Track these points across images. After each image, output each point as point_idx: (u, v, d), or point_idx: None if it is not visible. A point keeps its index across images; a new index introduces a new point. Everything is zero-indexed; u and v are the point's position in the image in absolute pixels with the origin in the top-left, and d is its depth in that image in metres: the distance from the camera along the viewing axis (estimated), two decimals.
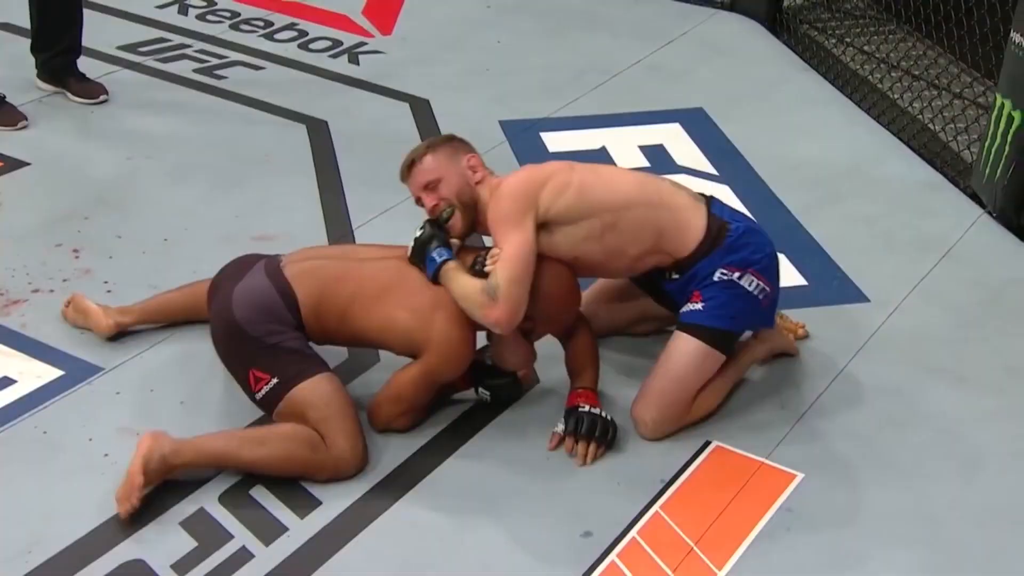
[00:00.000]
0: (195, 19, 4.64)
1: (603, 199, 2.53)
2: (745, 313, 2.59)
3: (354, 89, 4.18)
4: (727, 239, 2.55)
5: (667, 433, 2.59)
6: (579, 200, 2.51)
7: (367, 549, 2.32)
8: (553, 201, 2.49)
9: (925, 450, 2.64)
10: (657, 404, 2.57)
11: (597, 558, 2.31)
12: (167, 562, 2.26)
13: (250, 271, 2.57)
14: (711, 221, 2.57)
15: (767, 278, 2.59)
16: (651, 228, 2.54)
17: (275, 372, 2.45)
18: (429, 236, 2.51)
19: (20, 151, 3.62)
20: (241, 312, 2.49)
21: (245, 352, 2.49)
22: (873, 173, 3.82)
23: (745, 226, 2.61)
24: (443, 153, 2.60)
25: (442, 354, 2.49)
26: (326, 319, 2.53)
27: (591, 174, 2.58)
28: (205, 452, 2.41)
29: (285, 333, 2.48)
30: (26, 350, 2.78)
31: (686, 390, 2.57)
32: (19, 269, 3.08)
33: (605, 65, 4.44)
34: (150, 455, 2.34)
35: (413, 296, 2.50)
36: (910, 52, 4.41)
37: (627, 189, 2.57)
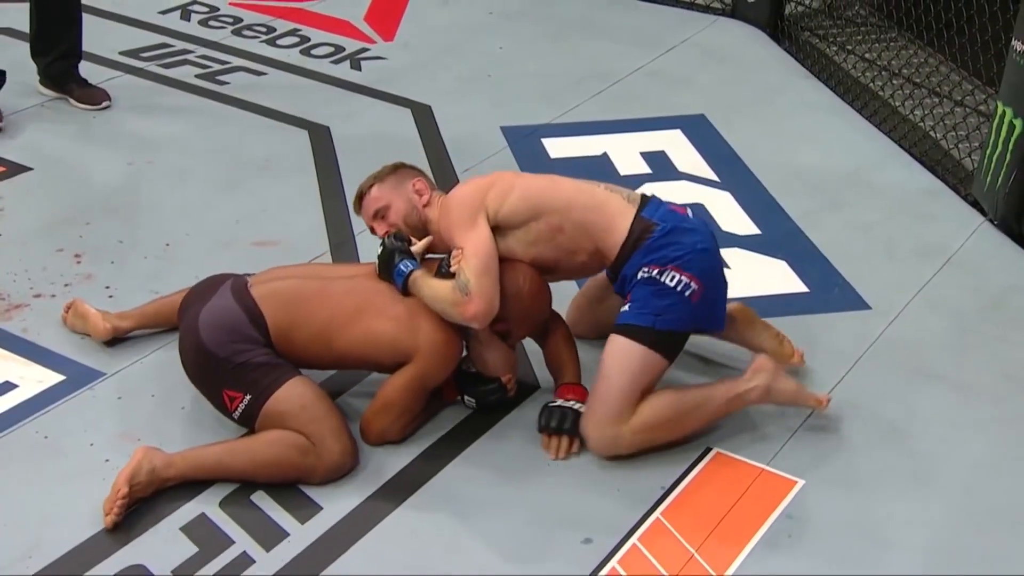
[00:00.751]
0: (197, 25, 4.65)
1: (546, 201, 2.57)
2: (672, 309, 2.50)
3: (356, 95, 4.19)
4: (648, 240, 2.52)
5: (612, 443, 2.51)
6: (524, 202, 2.55)
7: (367, 555, 2.32)
8: (500, 204, 2.54)
9: (926, 456, 2.64)
10: (592, 407, 2.53)
11: (597, 565, 2.31)
12: (168, 567, 2.26)
13: (216, 292, 2.55)
14: (635, 224, 2.54)
15: (692, 273, 2.50)
16: (590, 230, 2.57)
17: (247, 389, 2.44)
18: (392, 250, 2.56)
19: (22, 156, 3.63)
20: (207, 334, 2.47)
21: (215, 374, 2.47)
22: (874, 180, 3.83)
23: (672, 226, 2.55)
24: (389, 183, 2.69)
25: (432, 356, 2.51)
26: (301, 342, 2.50)
27: (533, 178, 2.66)
28: (196, 465, 2.42)
29: (252, 350, 2.46)
30: (27, 355, 2.78)
31: (619, 388, 2.49)
32: (21, 274, 3.09)
33: (606, 71, 4.45)
34: (139, 468, 2.35)
35: (390, 308, 2.53)
36: (911, 60, 4.42)
37: (567, 191, 2.60)
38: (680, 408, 2.55)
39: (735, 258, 3.35)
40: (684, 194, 3.66)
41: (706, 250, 2.57)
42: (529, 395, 2.75)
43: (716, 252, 2.62)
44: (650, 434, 2.53)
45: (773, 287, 3.24)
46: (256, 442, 2.44)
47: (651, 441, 2.54)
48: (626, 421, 2.50)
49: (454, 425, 2.66)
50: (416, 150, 3.82)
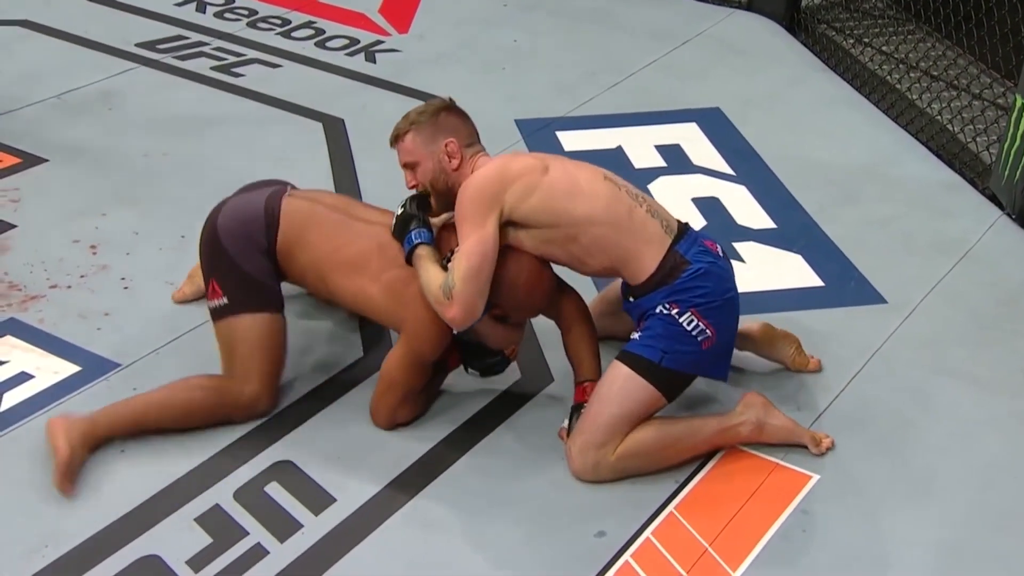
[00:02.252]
0: (213, 17, 4.66)
1: (567, 211, 2.45)
2: (680, 352, 2.43)
3: (371, 87, 4.19)
4: (678, 280, 2.43)
5: (593, 468, 2.45)
6: (543, 207, 2.44)
7: (381, 546, 2.32)
8: (518, 204, 2.44)
9: (941, 452, 2.63)
10: (580, 429, 2.47)
11: (611, 558, 2.31)
12: (182, 558, 2.27)
13: (259, 189, 2.67)
14: (668, 258, 2.45)
15: (710, 321, 2.43)
16: (610, 249, 2.47)
17: (228, 292, 2.53)
18: (409, 216, 2.52)
19: (38, 148, 3.64)
20: (224, 220, 2.59)
21: (214, 260, 2.58)
22: (891, 174, 3.80)
23: (705, 268, 2.46)
24: (423, 134, 2.54)
25: (419, 335, 2.51)
26: (298, 262, 2.58)
27: (564, 180, 2.48)
28: (119, 421, 2.49)
29: (252, 255, 2.54)
30: (44, 346, 2.80)
31: (610, 416, 2.43)
32: (37, 265, 3.10)
33: (621, 64, 4.43)
34: (70, 433, 2.40)
35: (387, 271, 2.53)
36: (929, 52, 4.38)
37: (593, 205, 2.45)
38: (665, 439, 2.48)
39: (751, 252, 3.34)
40: (699, 188, 3.65)
41: (731, 300, 2.50)
42: (544, 388, 2.75)
43: (737, 304, 2.53)
44: (632, 462, 2.46)
45: (789, 281, 3.22)
46: (173, 391, 2.51)
47: (635, 470, 2.47)
48: (612, 449, 2.45)
49: (468, 417, 2.66)
50: None
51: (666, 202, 3.48)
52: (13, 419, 2.58)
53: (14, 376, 2.69)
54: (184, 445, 2.53)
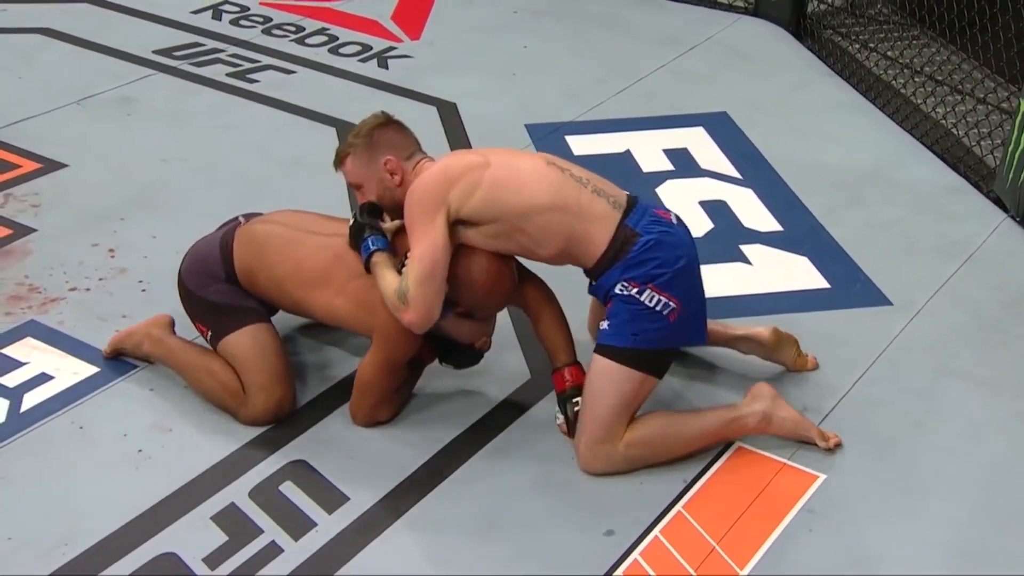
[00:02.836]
0: (228, 24, 4.66)
1: (510, 204, 2.42)
2: (650, 331, 2.41)
3: (383, 93, 4.19)
4: (630, 253, 2.41)
5: (604, 462, 2.46)
6: (487, 203, 2.42)
7: (393, 545, 2.32)
8: (463, 203, 2.41)
9: (947, 452, 2.62)
10: (584, 426, 2.47)
11: (620, 556, 2.30)
12: (199, 555, 2.27)
13: (216, 230, 2.75)
14: (618, 234, 2.42)
15: (672, 292, 2.41)
16: (559, 234, 2.44)
17: (209, 325, 2.64)
18: (362, 225, 2.53)
19: (58, 153, 3.65)
20: (185, 265, 2.71)
21: (188, 304, 2.69)
22: (896, 177, 3.79)
23: (656, 239, 2.43)
24: (361, 157, 2.55)
25: (389, 339, 2.52)
26: (261, 284, 2.62)
27: (505, 172, 2.45)
28: (169, 359, 2.68)
29: (211, 286, 2.62)
30: (63, 347, 2.80)
31: (606, 407, 2.43)
32: (57, 268, 3.11)
33: (630, 70, 4.42)
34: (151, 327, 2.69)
35: (349, 282, 2.55)
36: (934, 57, 4.36)
37: (537, 194, 2.43)
38: (673, 428, 2.49)
39: (757, 254, 3.33)
40: (706, 191, 3.64)
41: (686, 268, 2.45)
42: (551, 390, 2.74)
43: (696, 267, 2.50)
44: (642, 451, 2.47)
45: (795, 283, 3.21)
46: (204, 370, 2.62)
47: (644, 459, 2.48)
48: (619, 439, 2.45)
49: (478, 419, 2.66)
50: (442, 147, 3.81)
51: (674, 205, 3.53)
52: (33, 419, 2.59)
53: (34, 377, 2.70)
54: (201, 445, 2.54)
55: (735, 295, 3.14)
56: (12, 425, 2.57)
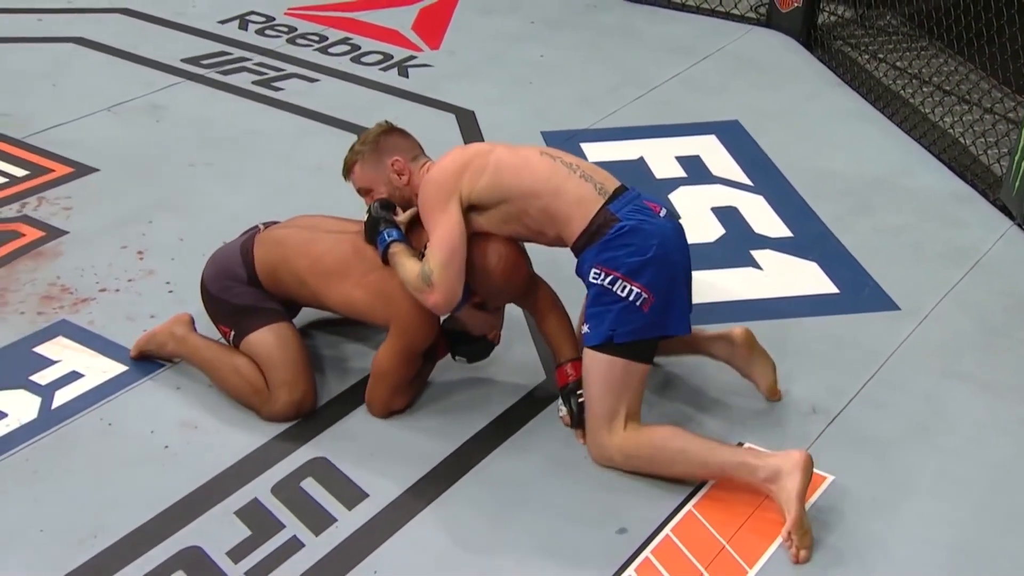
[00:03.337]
0: (254, 34, 4.68)
1: (513, 186, 2.47)
2: (625, 321, 2.39)
3: (403, 100, 4.20)
4: (605, 236, 2.40)
5: (605, 455, 2.46)
6: (493, 187, 2.47)
7: (411, 540, 2.33)
8: (472, 186, 2.46)
9: (953, 455, 2.60)
10: (587, 421, 2.49)
11: (632, 554, 2.30)
12: (223, 549, 2.28)
13: (234, 239, 2.78)
14: (597, 216, 2.42)
15: (642, 281, 2.38)
16: (554, 217, 2.46)
17: (232, 326, 2.66)
18: (376, 219, 2.56)
19: (90, 158, 3.67)
20: (206, 272, 2.73)
21: (212, 307, 2.71)
22: (904, 185, 3.77)
23: (633, 226, 2.40)
24: (368, 162, 2.62)
25: (408, 328, 2.53)
26: (283, 282, 2.64)
27: (510, 157, 2.51)
28: (194, 357, 2.68)
29: (233, 289, 2.65)
30: (93, 346, 2.82)
31: (597, 397, 2.44)
32: (87, 269, 3.13)
33: (643, 79, 4.42)
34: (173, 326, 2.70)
35: (367, 275, 2.56)
36: (942, 68, 4.34)
37: (534, 178, 2.47)
38: (680, 444, 2.42)
39: (768, 260, 3.32)
40: (718, 197, 3.63)
41: (659, 258, 2.40)
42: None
43: (672, 257, 2.44)
44: (640, 452, 2.43)
45: (804, 288, 3.20)
46: (229, 367, 2.63)
47: (641, 461, 2.44)
48: (616, 432, 2.43)
49: (495, 417, 2.66)
50: None
51: (686, 211, 3.54)
52: (64, 415, 2.60)
53: (65, 375, 2.72)
54: (225, 442, 2.55)
55: (745, 299, 3.13)
56: (44, 421, 2.58)
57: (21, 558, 2.25)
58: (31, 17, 4.66)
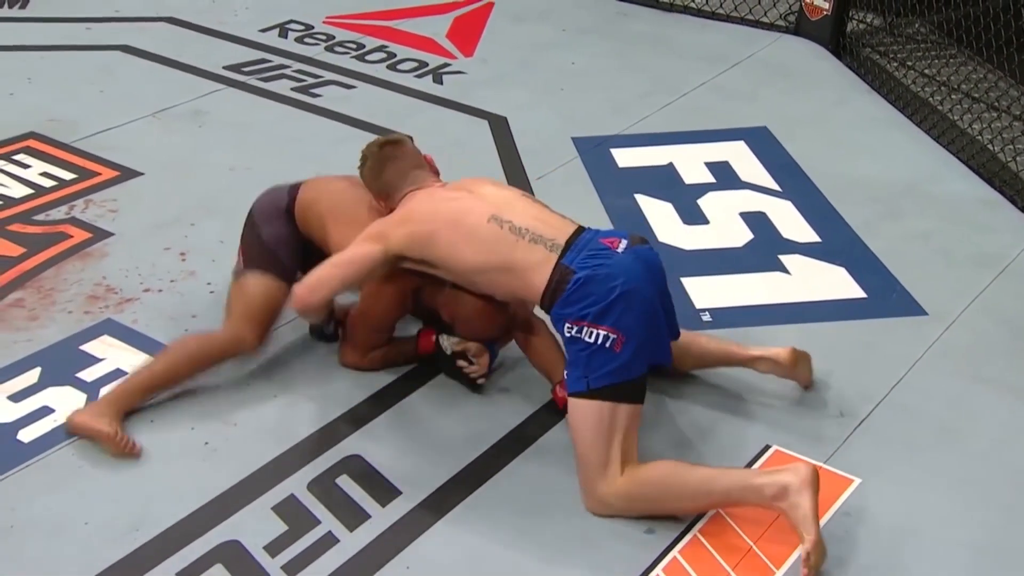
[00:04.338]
0: (294, 42, 4.71)
1: (454, 268, 2.49)
2: (599, 365, 2.32)
3: (437, 107, 4.21)
4: (564, 292, 2.35)
5: (603, 504, 2.34)
6: (437, 263, 2.50)
7: (442, 537, 2.32)
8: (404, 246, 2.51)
9: (980, 459, 2.56)
10: (578, 470, 2.39)
11: (660, 554, 2.28)
12: (260, 544, 2.29)
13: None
14: (553, 274, 2.37)
15: (607, 323, 2.30)
16: (504, 288, 2.48)
17: (245, 258, 2.77)
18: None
19: (135, 162, 3.71)
20: (259, 199, 2.86)
21: (244, 232, 2.82)
22: (932, 191, 3.72)
23: (587, 275, 2.34)
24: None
25: (368, 296, 2.67)
26: (310, 224, 2.76)
27: (450, 231, 2.47)
28: (136, 392, 2.59)
29: (273, 218, 2.77)
30: (137, 345, 2.84)
31: (587, 445, 2.34)
32: (132, 270, 3.16)
33: (673, 86, 4.39)
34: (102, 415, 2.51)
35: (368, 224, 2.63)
36: (970, 75, 4.28)
37: (474, 259, 2.44)
38: (679, 477, 2.32)
39: (796, 264, 3.29)
40: (747, 203, 3.61)
41: (623, 295, 2.32)
42: None
43: (639, 290, 2.34)
44: (642, 489, 2.32)
45: (833, 292, 3.16)
46: (170, 355, 2.64)
47: (644, 500, 2.33)
48: (613, 478, 2.32)
49: (527, 416, 2.65)
50: (492, 159, 3.82)
51: (715, 216, 3.51)
52: None
53: (110, 372, 2.74)
54: (263, 439, 2.56)
55: (774, 304, 3.11)
56: None
57: (68, 550, 2.27)
58: (80, 26, 4.72)
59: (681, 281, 3.17)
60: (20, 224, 3.34)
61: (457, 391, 2.72)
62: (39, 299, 3.01)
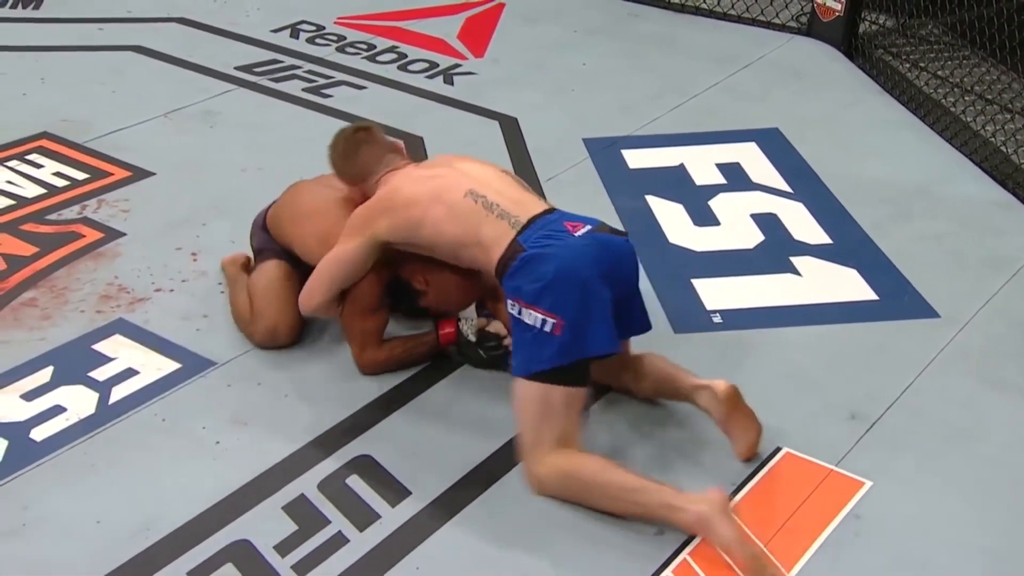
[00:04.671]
0: (305, 42, 4.73)
1: (439, 246, 2.56)
2: (539, 349, 2.34)
3: (448, 108, 4.21)
4: (511, 268, 2.40)
5: (535, 479, 2.38)
6: (411, 238, 2.57)
7: (452, 537, 2.33)
8: (389, 233, 2.58)
9: (992, 463, 2.55)
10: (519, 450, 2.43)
11: (669, 556, 2.28)
12: (270, 543, 2.30)
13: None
14: (507, 251, 2.41)
15: (544, 307, 2.32)
16: (475, 261, 2.53)
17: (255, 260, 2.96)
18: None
19: (147, 162, 3.72)
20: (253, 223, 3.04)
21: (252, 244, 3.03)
22: (944, 192, 3.71)
23: (535, 254, 2.37)
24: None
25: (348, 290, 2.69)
26: (281, 230, 2.87)
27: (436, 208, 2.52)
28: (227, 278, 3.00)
29: (257, 234, 2.98)
30: (148, 344, 2.86)
31: (522, 423, 2.39)
32: (143, 270, 3.17)
33: (684, 87, 4.39)
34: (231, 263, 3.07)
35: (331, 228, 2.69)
36: (984, 77, 4.27)
37: (456, 231, 2.50)
38: (604, 478, 2.31)
39: (807, 266, 3.28)
40: (758, 204, 3.60)
41: (562, 279, 2.33)
42: (605, 394, 2.73)
43: (581, 274, 2.34)
44: (572, 481, 2.34)
45: (844, 294, 3.15)
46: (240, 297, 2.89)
47: (573, 489, 2.34)
48: (540, 456, 2.35)
49: None
50: (503, 160, 3.82)
51: (726, 217, 3.51)
52: (120, 411, 2.64)
53: (122, 372, 2.76)
54: (274, 438, 2.57)
55: (785, 305, 3.10)
56: (101, 416, 2.62)
57: (79, 548, 2.28)
58: (92, 26, 4.75)
59: (692, 283, 3.16)
60: (33, 224, 3.36)
61: (466, 391, 2.72)
62: (52, 298, 3.02)
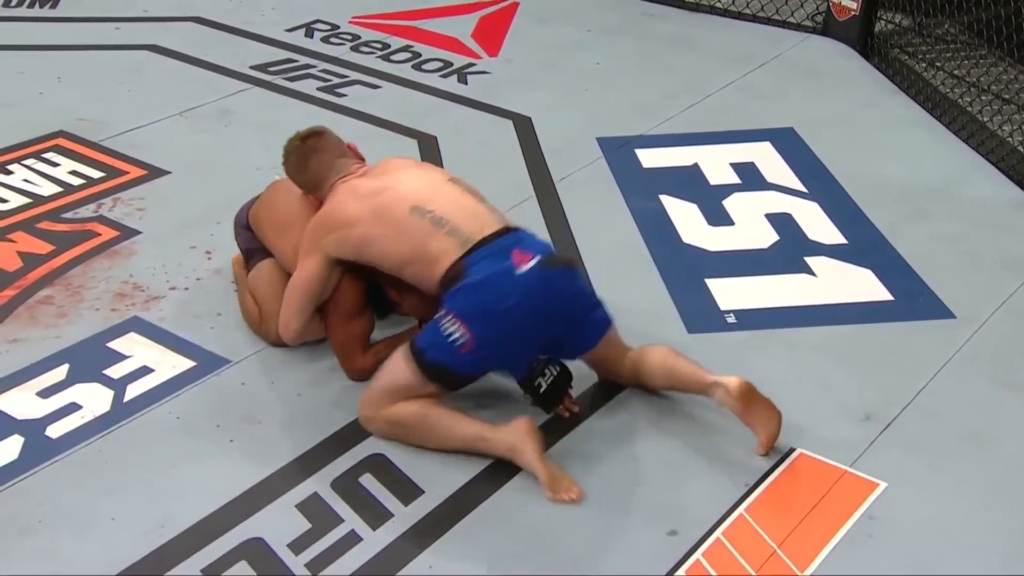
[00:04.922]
0: (320, 42, 4.74)
1: (386, 264, 2.58)
2: (439, 351, 2.43)
3: (462, 107, 4.21)
4: (451, 289, 2.45)
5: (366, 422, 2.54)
6: (358, 255, 2.60)
7: (464, 537, 2.33)
8: (338, 251, 2.61)
9: (1007, 464, 2.54)
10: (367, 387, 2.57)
11: (683, 556, 2.28)
12: (284, 541, 2.30)
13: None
14: (450, 270, 2.46)
15: (470, 327, 2.39)
16: (423, 281, 2.54)
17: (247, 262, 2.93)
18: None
19: (162, 161, 3.74)
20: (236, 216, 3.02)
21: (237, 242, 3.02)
22: (960, 192, 3.68)
23: (477, 281, 2.41)
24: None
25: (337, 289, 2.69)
26: (261, 233, 2.88)
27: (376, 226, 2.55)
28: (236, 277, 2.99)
29: (242, 234, 2.96)
30: (163, 342, 2.87)
31: (378, 381, 2.53)
32: (158, 268, 3.18)
33: (698, 86, 4.38)
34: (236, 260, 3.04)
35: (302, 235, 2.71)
36: (1001, 76, 4.24)
37: (401, 249, 2.53)
38: (427, 420, 2.47)
39: (822, 266, 3.27)
40: (772, 204, 3.59)
41: (505, 313, 2.39)
42: (617, 394, 2.72)
43: (513, 312, 2.39)
44: (397, 429, 2.50)
45: (859, 295, 3.14)
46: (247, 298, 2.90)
47: (400, 436, 2.51)
48: (377, 411, 2.50)
49: (547, 419, 2.65)
50: (516, 159, 3.82)
51: (740, 217, 3.50)
52: (135, 408, 2.65)
53: (137, 369, 2.77)
54: (287, 437, 2.58)
55: (799, 305, 3.09)
56: (116, 414, 2.63)
57: (94, 545, 2.29)
58: (109, 26, 4.77)
59: (706, 282, 3.16)
60: (49, 222, 3.38)
61: (477, 390, 2.72)
62: (67, 296, 3.04)
